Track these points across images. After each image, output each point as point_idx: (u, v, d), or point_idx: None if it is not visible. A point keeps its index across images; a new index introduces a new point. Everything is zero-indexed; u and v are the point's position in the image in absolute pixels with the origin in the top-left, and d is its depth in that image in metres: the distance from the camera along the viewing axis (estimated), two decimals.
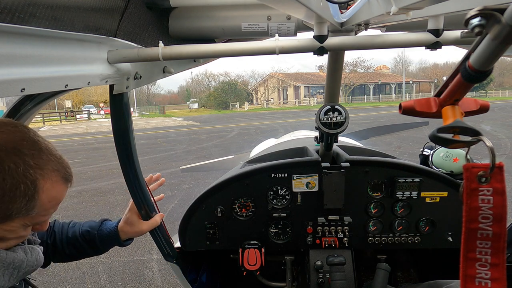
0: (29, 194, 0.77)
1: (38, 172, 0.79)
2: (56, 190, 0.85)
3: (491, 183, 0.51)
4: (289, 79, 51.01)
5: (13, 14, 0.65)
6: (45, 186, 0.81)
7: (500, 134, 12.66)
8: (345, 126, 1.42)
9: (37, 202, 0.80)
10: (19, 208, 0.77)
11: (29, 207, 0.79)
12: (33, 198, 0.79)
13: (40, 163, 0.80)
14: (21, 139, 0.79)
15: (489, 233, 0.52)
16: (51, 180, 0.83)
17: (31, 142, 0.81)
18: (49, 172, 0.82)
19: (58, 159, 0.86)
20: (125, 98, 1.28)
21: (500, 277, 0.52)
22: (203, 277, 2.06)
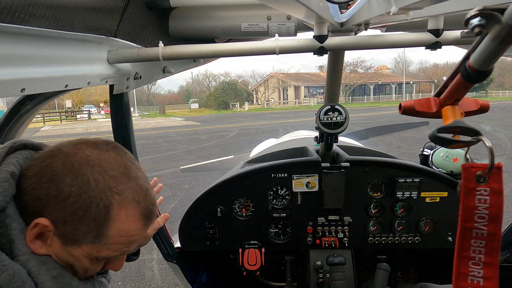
0: (98, 219, 0.69)
1: (115, 197, 0.70)
2: (130, 225, 0.73)
3: (489, 183, 0.51)
4: (289, 79, 51.02)
5: (13, 14, 0.65)
6: (118, 215, 0.71)
7: (500, 134, 12.66)
8: (345, 126, 1.42)
9: (106, 232, 0.70)
10: (86, 232, 0.69)
11: (96, 234, 0.70)
12: (102, 225, 0.69)
13: (120, 188, 0.71)
14: (112, 159, 0.73)
15: (484, 233, 0.52)
16: (127, 211, 0.72)
17: (121, 165, 0.74)
18: (127, 201, 0.72)
19: (143, 190, 0.75)
20: (125, 98, 1.28)
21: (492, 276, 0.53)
22: (203, 277, 2.06)
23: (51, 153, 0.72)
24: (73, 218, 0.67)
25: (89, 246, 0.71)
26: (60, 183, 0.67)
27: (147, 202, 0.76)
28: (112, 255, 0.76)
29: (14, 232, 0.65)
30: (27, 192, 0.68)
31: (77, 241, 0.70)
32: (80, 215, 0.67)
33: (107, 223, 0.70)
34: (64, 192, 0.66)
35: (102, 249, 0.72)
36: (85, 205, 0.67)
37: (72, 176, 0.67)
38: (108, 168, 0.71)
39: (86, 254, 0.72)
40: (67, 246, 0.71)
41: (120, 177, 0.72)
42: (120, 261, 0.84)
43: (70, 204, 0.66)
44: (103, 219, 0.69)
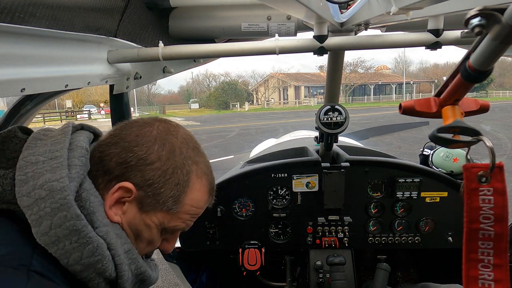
0: (180, 184, 0.74)
1: (193, 166, 0.77)
2: (201, 195, 0.79)
3: (492, 183, 0.51)
4: (289, 79, 51.01)
5: (13, 14, 0.66)
6: (195, 183, 0.77)
7: (500, 134, 12.65)
8: (345, 126, 1.42)
9: (183, 199, 0.75)
10: (167, 197, 0.72)
11: (176, 200, 0.74)
12: (183, 190, 0.74)
13: (197, 159, 0.78)
14: (187, 135, 0.80)
15: (491, 234, 0.52)
16: (201, 180, 0.78)
17: (194, 141, 0.81)
18: (201, 172, 0.79)
19: (209, 167, 0.83)
20: (125, 98, 1.28)
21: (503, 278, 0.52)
22: (203, 277, 2.06)
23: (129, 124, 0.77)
24: (160, 180, 0.71)
25: (164, 213, 0.74)
26: (149, 148, 0.71)
27: (213, 179, 0.84)
28: (177, 227, 0.80)
29: (94, 204, 0.66)
30: (112, 158, 0.71)
31: (156, 206, 0.73)
32: (167, 178, 0.71)
33: (186, 190, 0.75)
34: (153, 156, 0.71)
35: (174, 218, 0.76)
36: (171, 169, 0.72)
37: (159, 144, 0.73)
38: (187, 141, 0.78)
39: (158, 222, 0.75)
40: (143, 213, 0.73)
41: (196, 150, 0.79)
42: (174, 241, 0.88)
43: (159, 167, 0.71)
44: (185, 184, 0.74)
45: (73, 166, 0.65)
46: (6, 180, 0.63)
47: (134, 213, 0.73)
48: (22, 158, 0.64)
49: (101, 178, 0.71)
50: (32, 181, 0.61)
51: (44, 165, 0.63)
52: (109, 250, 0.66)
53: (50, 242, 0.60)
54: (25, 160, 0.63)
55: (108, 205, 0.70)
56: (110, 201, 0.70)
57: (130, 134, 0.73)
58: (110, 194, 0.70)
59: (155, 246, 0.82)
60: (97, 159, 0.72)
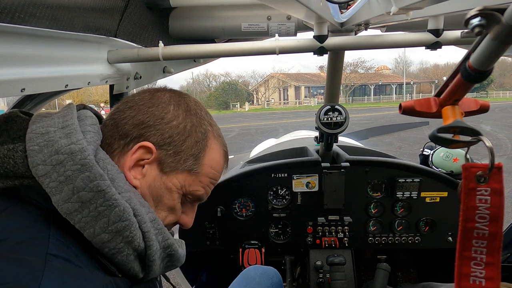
0: (200, 142, 0.73)
1: (209, 127, 0.76)
2: (218, 157, 0.78)
3: (490, 183, 0.51)
4: (289, 80, 51.02)
5: (13, 14, 0.66)
6: (212, 143, 0.76)
7: (500, 134, 12.65)
8: (345, 126, 1.42)
9: (202, 159, 0.73)
10: (188, 155, 0.71)
11: (196, 158, 0.72)
12: (202, 149, 0.73)
13: (211, 122, 0.78)
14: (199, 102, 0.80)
15: (485, 233, 0.52)
16: (217, 142, 0.77)
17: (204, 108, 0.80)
18: (216, 134, 0.78)
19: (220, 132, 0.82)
20: None
21: (494, 276, 0.53)
22: (203, 277, 2.06)
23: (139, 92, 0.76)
24: (180, 138, 0.70)
25: (185, 174, 0.72)
26: (166, 108, 0.71)
27: (225, 143, 0.82)
28: (198, 192, 0.76)
29: (112, 172, 0.63)
30: (128, 120, 0.69)
31: (177, 166, 0.70)
32: (186, 135, 0.71)
33: (204, 149, 0.74)
34: (170, 115, 0.70)
35: (195, 181, 0.74)
36: (190, 126, 0.72)
37: (175, 104, 0.72)
38: (199, 105, 0.78)
39: (180, 185, 0.72)
40: (164, 174, 0.70)
41: (208, 114, 0.79)
42: (193, 214, 0.85)
43: (177, 125, 0.70)
44: (204, 143, 0.73)
45: (87, 132, 0.63)
46: (17, 153, 0.59)
47: (154, 175, 0.69)
48: (30, 132, 0.60)
49: (116, 143, 0.68)
50: (46, 149, 0.57)
51: (56, 134, 0.59)
52: (135, 217, 0.61)
53: (73, 210, 0.55)
54: (34, 132, 0.60)
55: (127, 167, 0.67)
56: (129, 162, 0.67)
57: (143, 98, 0.72)
58: (129, 156, 0.67)
59: (177, 215, 0.77)
60: (111, 126, 0.70)
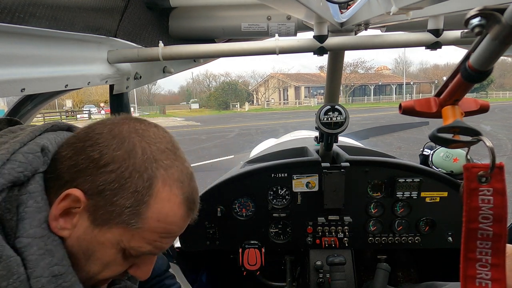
0: (140, 192, 0.60)
1: (160, 170, 0.62)
2: (171, 208, 0.63)
3: (491, 183, 0.51)
4: (289, 80, 51.01)
5: (13, 14, 0.66)
6: (161, 192, 0.61)
7: (500, 135, 12.65)
8: (345, 126, 1.42)
9: (145, 211, 0.60)
10: (123, 207, 0.59)
11: (134, 212, 0.60)
12: (141, 200, 0.60)
13: (167, 163, 0.63)
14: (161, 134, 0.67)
15: (489, 233, 0.52)
16: (170, 189, 0.63)
17: (169, 141, 0.67)
18: (172, 178, 0.63)
19: (189, 173, 0.67)
20: (125, 98, 1.28)
21: (500, 277, 0.52)
22: (203, 277, 2.06)
23: (96, 122, 0.66)
24: (113, 187, 0.59)
25: (121, 229, 0.60)
26: (104, 147, 0.60)
27: (191, 188, 0.67)
28: (142, 250, 0.64)
29: (28, 210, 0.56)
30: (64, 161, 0.61)
31: (110, 219, 0.60)
32: (120, 184, 0.59)
33: (148, 199, 0.60)
34: (107, 156, 0.59)
35: (135, 236, 0.61)
36: (128, 173, 0.59)
37: (118, 142, 0.61)
38: (156, 140, 0.65)
39: (115, 240, 0.61)
40: (95, 227, 0.60)
41: (168, 152, 0.65)
42: (147, 265, 0.70)
43: (112, 171, 0.59)
44: (145, 192, 0.60)
45: (12, 161, 0.56)
46: None
47: (85, 227, 0.60)
48: None
49: (53, 182, 0.61)
50: None
51: None
52: (24, 268, 0.53)
53: None
54: None
55: (54, 215, 0.59)
56: (56, 210, 0.59)
57: (89, 133, 0.63)
58: (57, 203, 0.59)
59: (117, 271, 0.66)
60: (52, 161, 0.63)
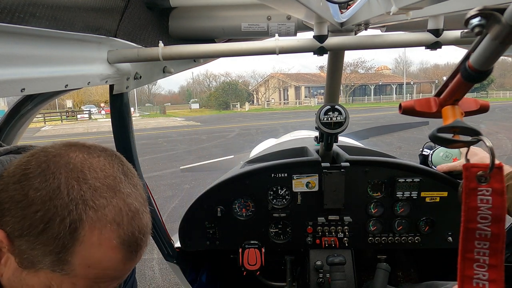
0: (61, 238, 0.53)
1: (88, 213, 0.55)
2: (103, 253, 0.56)
3: (491, 183, 0.51)
4: (289, 80, 51.01)
5: (13, 14, 0.65)
6: (89, 237, 0.55)
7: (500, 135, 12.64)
8: (345, 126, 1.42)
9: (70, 258, 0.55)
10: (44, 253, 0.54)
11: (57, 259, 0.54)
12: (64, 247, 0.54)
13: (98, 203, 0.56)
14: (99, 167, 0.60)
15: (487, 234, 0.52)
16: (101, 234, 0.56)
17: (109, 175, 0.60)
18: (104, 220, 0.56)
19: (130, 211, 0.59)
20: (125, 98, 1.28)
21: (497, 278, 0.52)
22: (203, 277, 2.06)
23: (34, 152, 0.60)
24: (31, 232, 0.53)
25: (48, 273, 0.56)
26: (27, 185, 0.55)
27: (133, 228, 0.59)
28: None
29: None
30: None
31: (34, 264, 0.55)
32: (39, 229, 0.53)
33: (71, 246, 0.54)
34: (29, 198, 0.54)
35: (65, 281, 0.57)
36: (47, 217, 0.53)
37: (42, 179, 0.55)
38: (90, 177, 0.57)
39: (44, 285, 0.57)
40: (24, 270, 0.56)
41: (103, 189, 0.57)
42: None
43: (31, 213, 0.53)
44: (67, 239, 0.54)
45: None
46: None
47: (13, 268, 0.57)
48: None
49: None
50: None
51: None
52: None
53: None
54: None
55: None
56: None
57: (18, 166, 0.57)
58: None
59: None
60: None
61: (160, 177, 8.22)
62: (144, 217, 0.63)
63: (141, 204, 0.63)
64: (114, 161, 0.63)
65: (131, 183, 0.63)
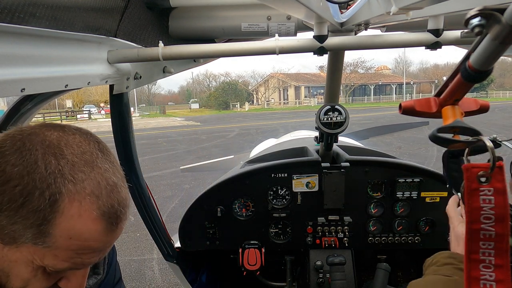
0: (41, 211, 0.55)
1: (67, 186, 0.56)
2: (84, 224, 0.57)
3: (492, 183, 0.51)
4: (289, 80, 51.01)
5: (13, 14, 0.65)
6: (68, 209, 0.56)
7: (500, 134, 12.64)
8: (345, 126, 1.42)
9: (51, 230, 0.56)
10: (25, 227, 0.55)
11: (38, 232, 0.56)
12: (45, 220, 0.55)
13: (77, 177, 0.58)
14: (75, 143, 0.61)
15: (492, 234, 0.51)
16: (80, 205, 0.57)
17: (85, 151, 0.61)
18: (83, 193, 0.57)
19: (109, 184, 0.61)
20: (125, 98, 1.28)
21: (504, 278, 0.52)
22: (203, 277, 2.06)
23: (8, 132, 0.61)
24: (11, 207, 0.54)
25: (30, 247, 0.57)
26: (3, 162, 0.55)
27: (112, 200, 0.61)
28: (61, 267, 0.60)
29: None
30: None
31: (16, 239, 0.56)
32: (18, 203, 0.54)
33: (52, 218, 0.55)
34: (6, 173, 0.55)
35: (47, 254, 0.58)
36: (26, 191, 0.54)
37: (18, 155, 0.56)
38: (67, 152, 0.58)
39: (27, 259, 0.58)
40: (5, 246, 0.57)
41: (81, 164, 0.59)
42: (78, 278, 0.65)
43: (10, 188, 0.54)
44: (48, 211, 0.55)
45: None
46: None
47: None
48: None
49: None
50: None
51: None
52: None
53: None
54: None
55: None
56: None
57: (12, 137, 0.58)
58: None
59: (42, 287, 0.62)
60: None
61: (160, 177, 8.22)
62: (122, 191, 0.64)
63: (119, 179, 0.64)
64: (89, 139, 0.64)
65: (108, 159, 0.64)
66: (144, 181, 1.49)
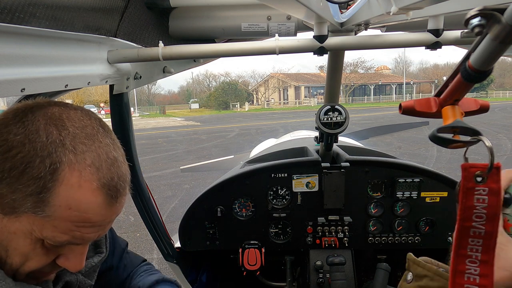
0: (41, 178, 0.54)
1: (68, 155, 0.56)
2: (83, 194, 0.57)
3: (488, 183, 0.51)
4: (289, 80, 51.01)
5: (13, 14, 0.65)
6: (68, 177, 0.56)
7: (500, 134, 12.65)
8: (345, 126, 1.42)
9: (51, 198, 0.56)
10: (25, 195, 0.55)
11: (38, 200, 0.55)
12: (45, 187, 0.55)
13: (78, 148, 0.58)
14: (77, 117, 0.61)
15: (481, 232, 0.53)
16: (80, 174, 0.57)
17: (87, 125, 0.62)
18: (84, 163, 0.57)
19: (109, 158, 0.61)
20: (125, 98, 1.28)
21: (488, 273, 0.53)
22: (203, 277, 2.06)
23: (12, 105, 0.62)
24: (11, 174, 0.54)
25: (30, 217, 0.57)
26: (5, 132, 0.56)
27: (112, 173, 0.61)
28: (59, 240, 0.60)
29: None
30: None
31: (16, 208, 0.56)
32: (19, 170, 0.54)
33: (52, 186, 0.55)
34: (8, 142, 0.55)
35: (46, 225, 0.57)
36: (27, 158, 0.54)
37: (21, 125, 0.56)
38: (68, 125, 0.59)
39: (26, 230, 0.58)
40: (4, 216, 0.57)
41: (82, 136, 0.59)
42: (77, 256, 0.65)
43: (11, 156, 0.55)
44: (48, 179, 0.55)
45: None
46: None
47: None
48: None
49: None
50: None
51: None
52: None
53: None
54: None
55: None
56: None
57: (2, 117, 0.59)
58: None
59: (42, 262, 0.63)
60: None
61: (160, 177, 8.22)
62: (122, 166, 0.64)
63: (119, 155, 0.65)
64: (91, 115, 0.65)
65: (109, 136, 0.65)
66: (144, 181, 1.49)
